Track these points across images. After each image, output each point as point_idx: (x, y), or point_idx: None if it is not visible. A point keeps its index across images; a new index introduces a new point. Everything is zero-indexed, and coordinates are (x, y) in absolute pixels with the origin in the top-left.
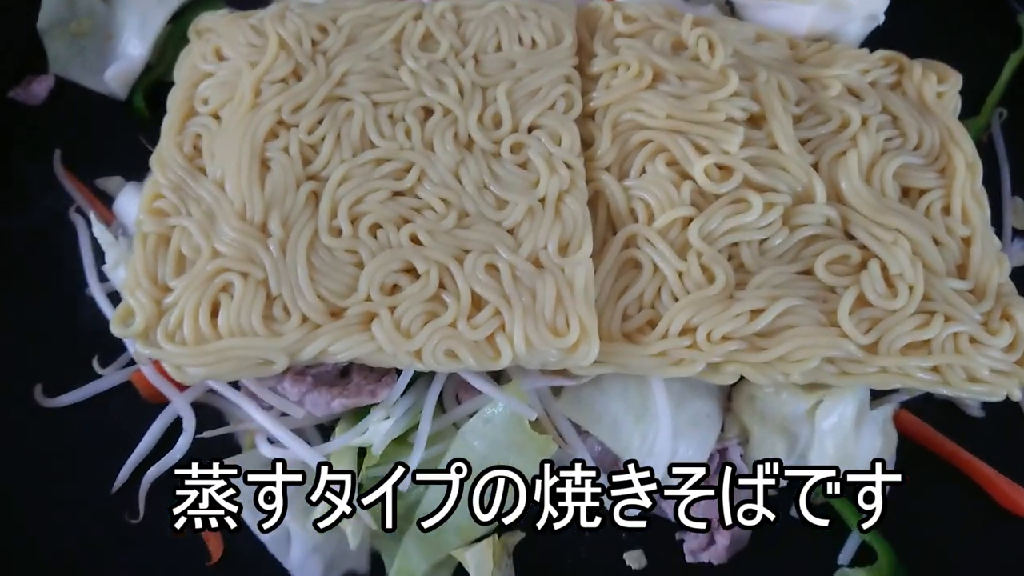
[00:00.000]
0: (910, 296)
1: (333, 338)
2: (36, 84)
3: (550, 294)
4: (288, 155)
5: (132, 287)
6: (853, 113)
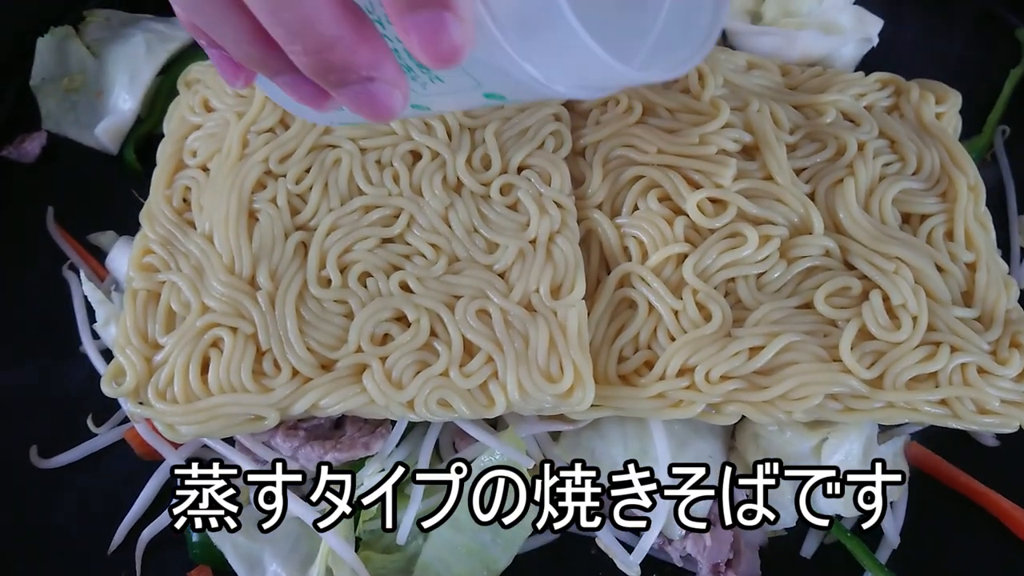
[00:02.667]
0: (914, 327)
1: (324, 392)
2: (29, 142)
3: (543, 339)
4: (276, 206)
5: (122, 345)
6: (849, 139)
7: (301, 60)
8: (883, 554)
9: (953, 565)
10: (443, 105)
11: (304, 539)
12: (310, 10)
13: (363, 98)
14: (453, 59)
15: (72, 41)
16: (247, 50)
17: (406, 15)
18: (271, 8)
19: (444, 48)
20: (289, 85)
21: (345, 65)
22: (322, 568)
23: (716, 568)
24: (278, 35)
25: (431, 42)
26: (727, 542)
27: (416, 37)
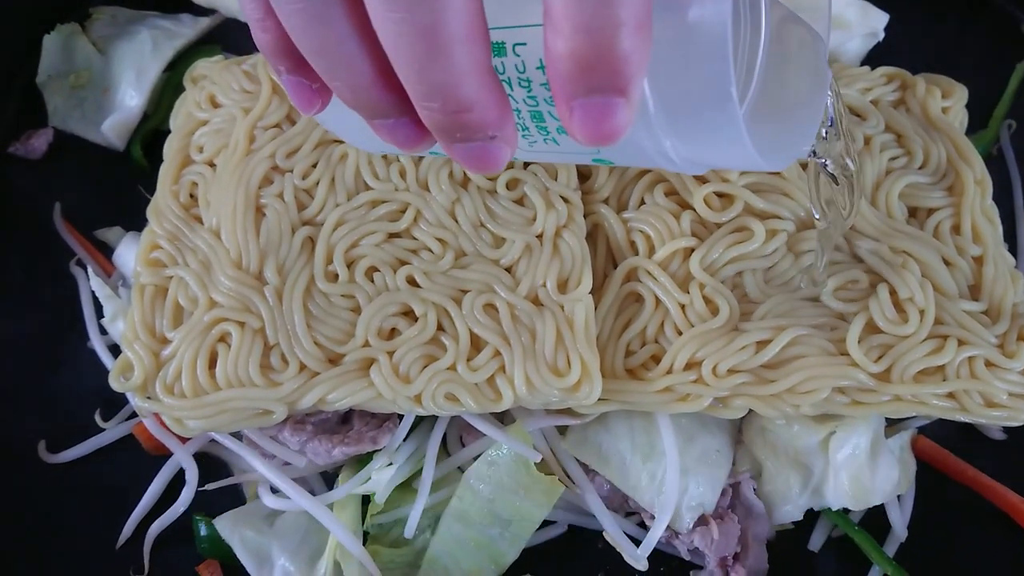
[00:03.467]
0: (921, 321)
1: (331, 386)
2: (35, 138)
3: (550, 333)
4: (283, 201)
5: (130, 340)
6: (856, 133)
7: (432, 116)
8: (891, 547)
9: (960, 558)
10: (541, 159)
11: (312, 533)
12: (459, 73)
13: (476, 154)
14: (611, 142)
15: (78, 38)
16: (363, 96)
17: (579, 96)
18: (420, 68)
19: (605, 132)
20: (389, 128)
21: (476, 126)
22: (330, 562)
23: (723, 561)
24: (416, 91)
25: (595, 125)
26: (734, 535)
27: (580, 118)
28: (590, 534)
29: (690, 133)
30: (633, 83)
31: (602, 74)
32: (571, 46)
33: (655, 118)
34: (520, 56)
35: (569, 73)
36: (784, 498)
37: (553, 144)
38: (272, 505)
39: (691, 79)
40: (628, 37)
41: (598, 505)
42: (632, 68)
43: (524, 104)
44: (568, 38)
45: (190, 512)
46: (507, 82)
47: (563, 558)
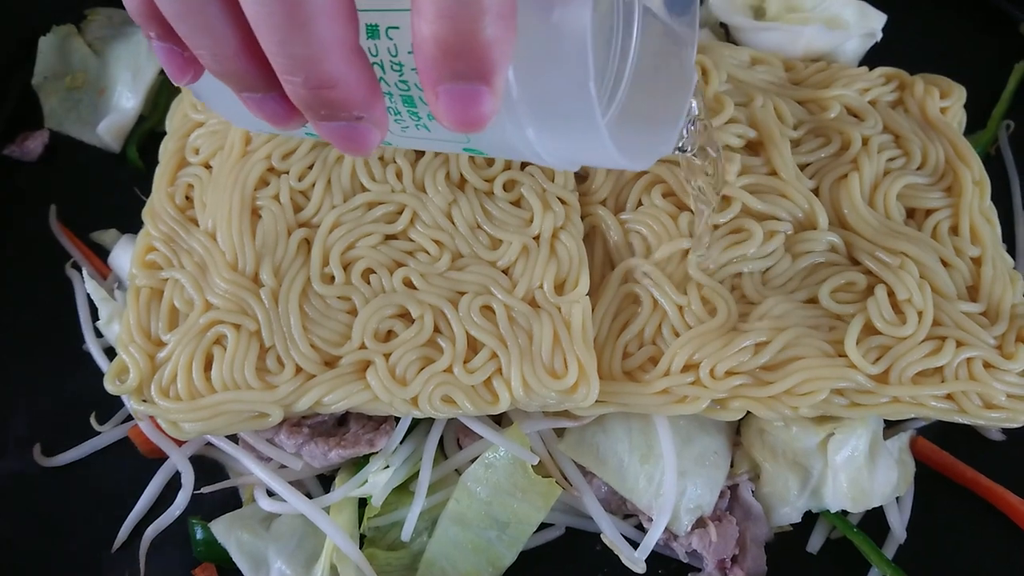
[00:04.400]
0: (919, 322)
1: (328, 388)
2: (31, 140)
3: (547, 335)
4: (279, 203)
5: (126, 342)
6: (854, 134)
7: (296, 91)
8: (889, 549)
9: (960, 560)
10: (413, 146)
11: (309, 536)
12: (321, 48)
13: (343, 133)
14: (476, 129)
15: (74, 39)
16: (228, 64)
17: (443, 81)
18: (281, 39)
19: (470, 118)
20: (258, 103)
21: (341, 104)
22: (327, 565)
23: (722, 564)
24: (279, 63)
25: (460, 111)
26: (733, 538)
27: (445, 103)
28: (588, 536)
29: (552, 127)
30: (497, 72)
31: (466, 60)
32: (434, 30)
33: (519, 109)
34: (393, 40)
35: (433, 58)
36: (782, 500)
37: (425, 130)
38: (268, 508)
39: (553, 74)
40: (491, 25)
41: (596, 507)
42: (495, 56)
43: (396, 88)
44: (431, 22)
45: (186, 515)
46: (379, 65)
47: (561, 561)
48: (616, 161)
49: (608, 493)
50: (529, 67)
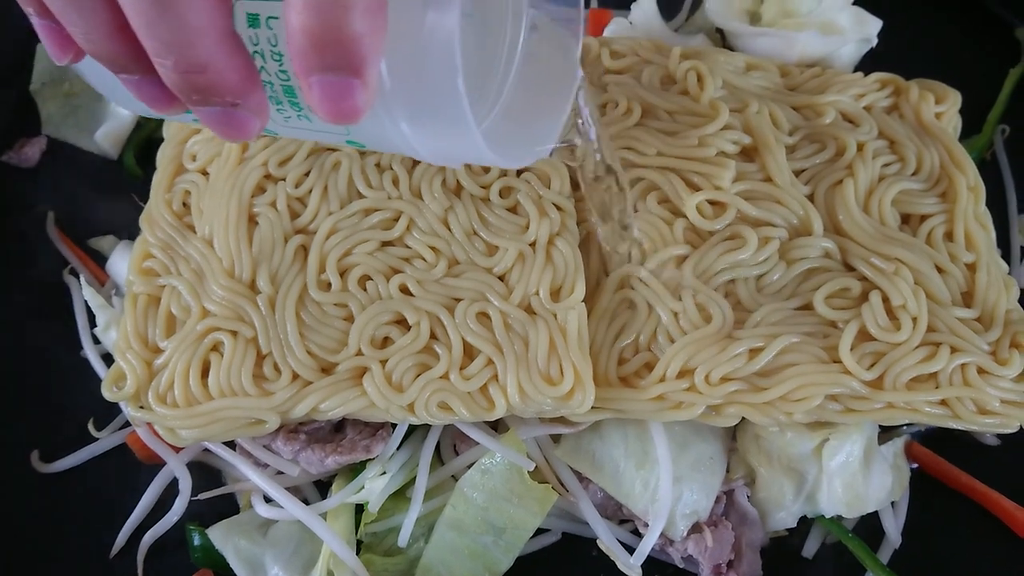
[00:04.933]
0: (914, 328)
1: (324, 395)
2: (29, 147)
3: (543, 341)
4: (276, 209)
5: (123, 349)
6: (848, 140)
7: (167, 74)
8: (885, 554)
9: (954, 565)
10: (298, 136)
11: (306, 543)
12: (190, 32)
13: (220, 119)
14: (350, 121)
15: None
16: (100, 45)
17: (314, 73)
18: (148, 22)
19: (343, 110)
20: (135, 85)
21: (212, 89)
22: (323, 571)
23: (718, 569)
24: (149, 46)
25: (333, 103)
26: (728, 543)
27: (318, 94)
28: (584, 542)
29: (425, 123)
30: (366, 65)
31: (335, 53)
32: (302, 22)
33: (393, 104)
34: (272, 29)
35: (303, 49)
36: (778, 505)
37: (307, 120)
38: (265, 514)
39: (424, 71)
40: (359, 19)
41: (592, 513)
42: (364, 50)
43: (277, 78)
44: (300, 13)
45: (183, 521)
46: (260, 55)
47: (557, 566)
48: (490, 159)
49: (604, 498)
50: (401, 63)
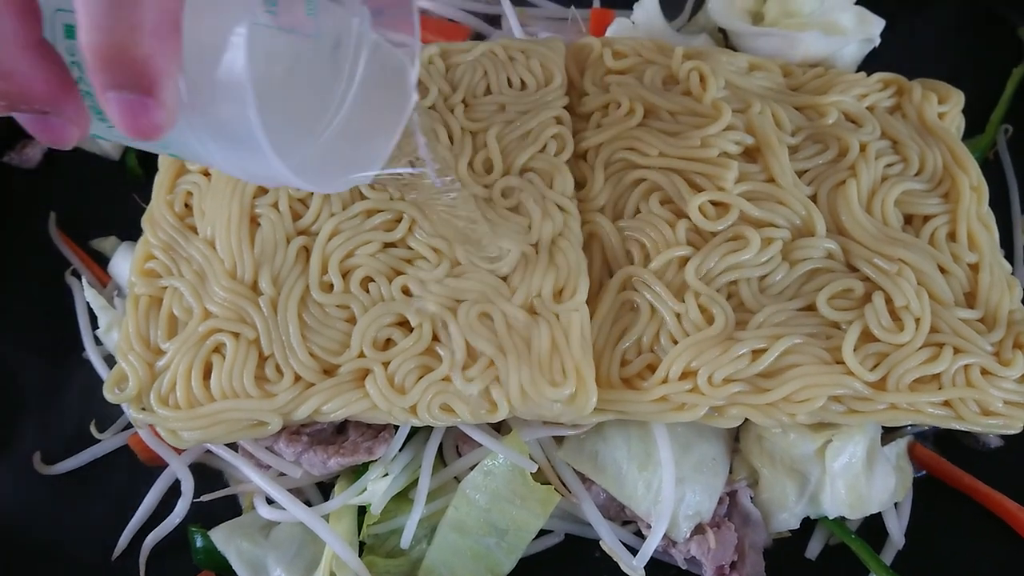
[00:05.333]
0: (917, 329)
1: (326, 397)
2: (30, 148)
3: (545, 343)
4: (277, 211)
5: (125, 350)
6: (851, 140)
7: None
8: (888, 555)
9: (957, 566)
10: (122, 142)
11: (308, 544)
12: None
13: (35, 125)
14: (150, 138)
15: None
16: None
17: (107, 90)
18: None
19: (142, 127)
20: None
21: (19, 96)
22: (326, 573)
23: (720, 570)
24: None
25: (129, 120)
26: (731, 544)
27: (115, 112)
28: (587, 543)
29: (227, 146)
30: (159, 85)
31: (123, 72)
32: (91, 40)
33: (195, 124)
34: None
35: (93, 66)
36: (781, 506)
37: None
38: (268, 516)
39: (219, 98)
40: (147, 39)
41: (595, 514)
42: (154, 70)
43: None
44: (87, 32)
45: (186, 523)
46: (78, 65)
47: (560, 567)
48: (298, 184)
49: (606, 500)
50: (199, 85)
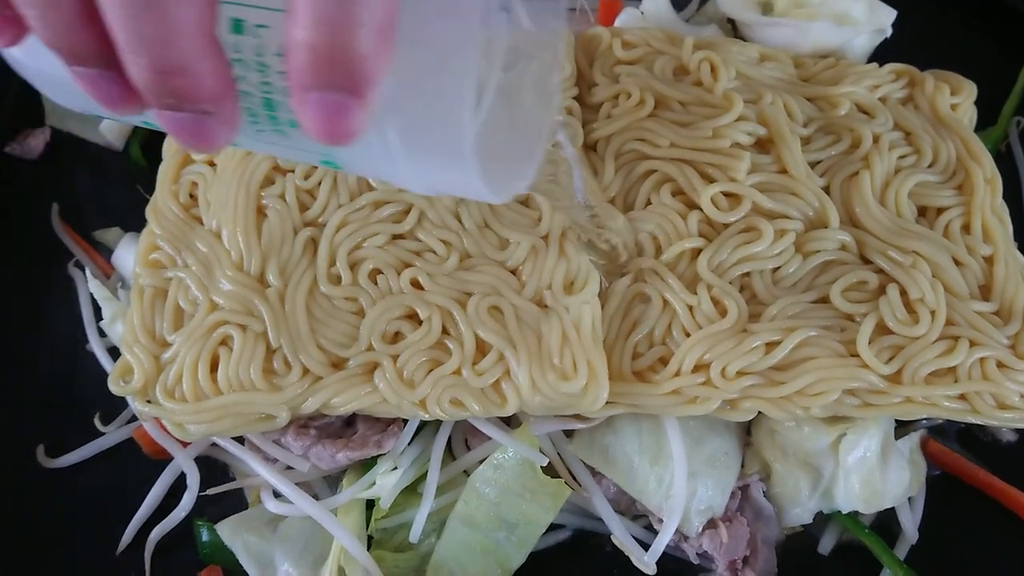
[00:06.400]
0: (932, 321)
1: (335, 391)
2: (33, 138)
3: (556, 336)
4: (284, 202)
5: (130, 342)
6: (864, 131)
7: (140, 73)
8: (901, 550)
9: (972, 561)
10: (266, 151)
11: (316, 538)
12: (175, 29)
13: (188, 127)
14: (342, 142)
15: None
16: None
17: (313, 90)
18: (130, 13)
19: (337, 130)
20: (91, 80)
21: (188, 95)
22: (334, 567)
23: (733, 565)
24: (123, 39)
25: (327, 122)
26: (744, 539)
27: (313, 113)
28: (598, 538)
29: (419, 151)
30: (369, 86)
31: (338, 71)
32: (309, 37)
33: (388, 127)
34: (260, 38)
35: (305, 64)
36: (793, 501)
37: (282, 136)
38: (275, 510)
39: (429, 98)
40: (367, 38)
41: (606, 508)
42: (369, 70)
43: (258, 89)
44: (306, 28)
45: (191, 517)
46: (241, 63)
47: (571, 562)
48: (481, 194)
49: (617, 494)
50: (406, 87)
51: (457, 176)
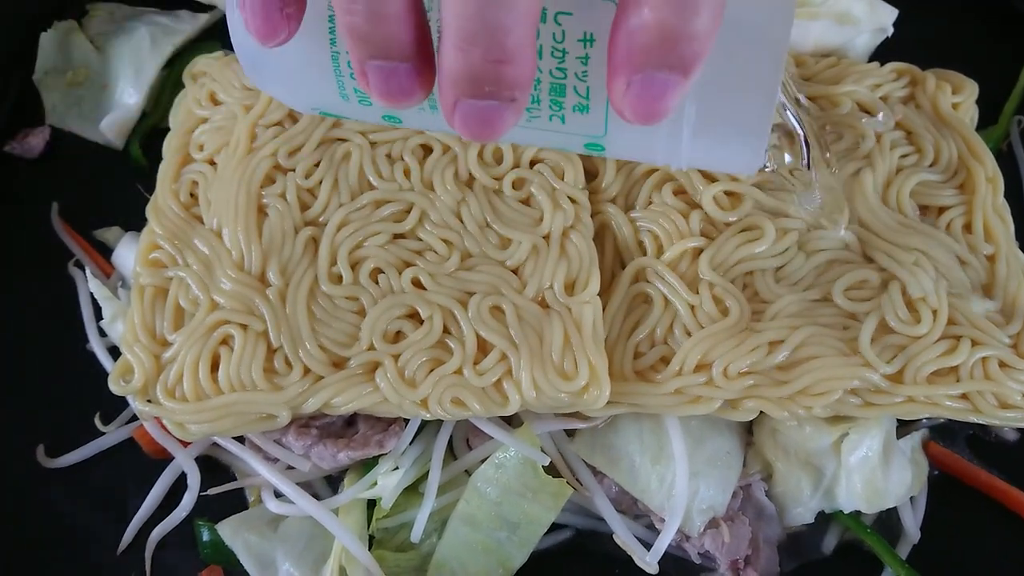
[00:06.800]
0: (934, 321)
1: (336, 390)
2: (32, 137)
3: (557, 336)
4: (285, 201)
5: (130, 342)
6: (866, 130)
7: (469, 61)
8: (903, 550)
9: (973, 560)
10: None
11: (317, 538)
12: (515, 18)
13: (485, 115)
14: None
15: (76, 35)
16: (381, 26)
17: (642, 70)
18: (479, 3)
19: (655, 110)
20: (384, 73)
21: (508, 81)
22: (335, 567)
23: (735, 564)
24: (464, 29)
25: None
26: (745, 538)
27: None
28: (599, 537)
29: (715, 133)
30: (698, 65)
31: (676, 50)
32: (656, 17)
33: (689, 109)
34: (561, 26)
35: (643, 45)
36: (795, 500)
37: (558, 122)
38: (276, 510)
39: (745, 75)
40: (706, 15)
41: (607, 508)
42: (700, 49)
43: (549, 76)
44: (654, 8)
45: (192, 517)
46: (538, 50)
47: (572, 562)
48: (747, 166)
49: (619, 493)
50: (721, 63)
51: (741, 150)
